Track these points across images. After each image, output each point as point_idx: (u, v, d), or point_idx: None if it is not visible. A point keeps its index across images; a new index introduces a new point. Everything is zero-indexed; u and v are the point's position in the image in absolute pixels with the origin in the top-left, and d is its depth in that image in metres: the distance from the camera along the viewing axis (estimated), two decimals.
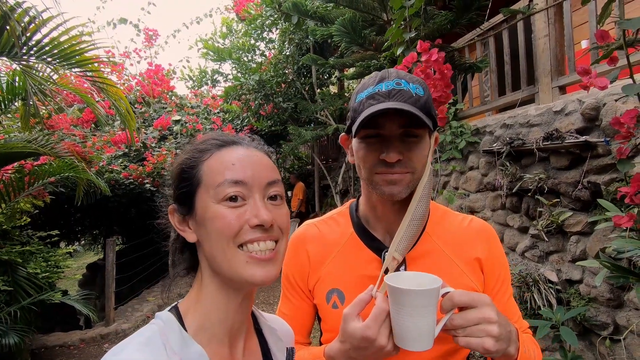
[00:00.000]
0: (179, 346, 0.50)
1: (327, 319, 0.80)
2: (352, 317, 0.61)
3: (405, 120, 0.69)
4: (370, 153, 0.72)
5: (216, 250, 0.52)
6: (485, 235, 0.81)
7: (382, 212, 0.79)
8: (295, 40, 6.74)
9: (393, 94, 0.68)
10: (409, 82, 0.70)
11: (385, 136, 0.70)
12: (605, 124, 2.29)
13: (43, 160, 4.13)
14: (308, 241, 0.85)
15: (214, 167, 0.54)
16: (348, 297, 0.77)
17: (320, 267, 0.82)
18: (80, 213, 6.91)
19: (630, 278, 1.64)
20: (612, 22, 1.17)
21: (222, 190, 0.52)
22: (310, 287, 0.83)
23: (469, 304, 0.58)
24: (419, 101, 0.68)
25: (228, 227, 0.51)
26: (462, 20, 2.49)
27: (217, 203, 0.52)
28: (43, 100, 2.80)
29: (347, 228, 0.84)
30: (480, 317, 0.57)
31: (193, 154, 0.57)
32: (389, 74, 0.72)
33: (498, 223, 3.21)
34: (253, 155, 0.57)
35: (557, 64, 2.95)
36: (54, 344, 4.35)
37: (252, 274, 0.52)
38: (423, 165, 0.72)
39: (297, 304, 0.85)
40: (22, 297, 3.36)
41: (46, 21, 2.30)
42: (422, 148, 0.71)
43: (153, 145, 6.35)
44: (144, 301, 5.83)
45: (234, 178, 0.53)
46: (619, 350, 2.10)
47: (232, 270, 0.52)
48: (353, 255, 0.80)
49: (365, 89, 0.72)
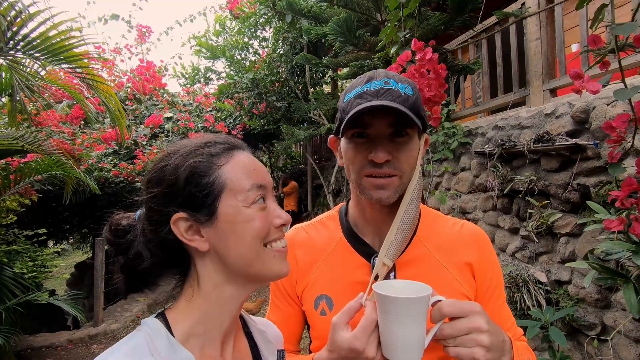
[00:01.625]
0: (166, 353, 0.50)
1: (315, 326, 0.79)
2: (340, 326, 0.59)
3: (394, 119, 0.67)
4: (359, 153, 0.70)
5: (250, 252, 0.55)
6: (476, 239, 0.79)
7: (372, 216, 0.77)
8: (289, 39, 6.72)
9: (381, 93, 0.67)
10: (397, 81, 0.69)
11: (374, 136, 0.69)
12: (595, 127, 2.32)
13: (30, 157, 4.04)
14: (296, 246, 0.83)
15: (237, 171, 0.56)
16: (337, 303, 0.75)
17: (309, 272, 0.80)
18: (68, 211, 6.79)
19: (618, 279, 1.67)
20: (603, 26, 1.18)
21: (252, 195, 0.55)
22: (299, 293, 0.81)
23: (459, 314, 0.56)
24: (407, 100, 0.67)
25: (262, 229, 0.55)
26: (455, 22, 2.50)
27: (247, 207, 0.54)
28: (30, 96, 2.73)
29: (336, 232, 0.82)
30: (470, 327, 0.55)
31: (203, 158, 0.55)
32: (377, 74, 0.71)
33: (489, 224, 3.24)
34: (257, 159, 0.60)
35: (549, 67, 2.99)
36: (41, 345, 4.26)
37: (281, 267, 0.58)
38: (412, 168, 0.71)
39: (285, 310, 0.83)
40: (8, 298, 3.28)
41: (33, 15, 2.24)
42: (411, 149, 0.70)
43: (144, 143, 6.27)
44: (133, 301, 5.75)
45: (258, 182, 0.56)
46: (606, 351, 2.13)
47: (263, 268, 0.56)
48: (342, 261, 0.78)
49: (353, 89, 0.71)
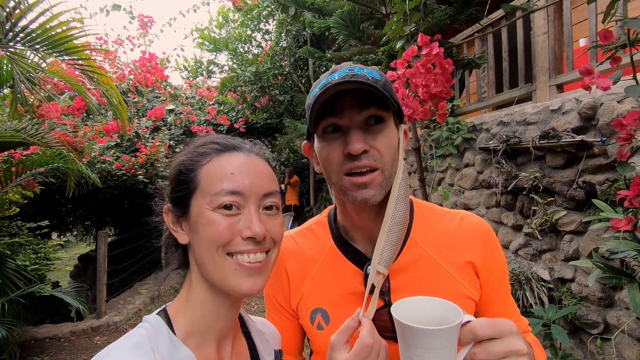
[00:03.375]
0: (167, 350, 0.50)
1: (314, 341, 0.76)
2: (339, 347, 0.56)
3: (365, 99, 0.62)
4: (333, 150, 0.65)
5: (206, 256, 0.53)
6: (478, 234, 0.73)
7: (359, 221, 0.72)
8: (292, 32, 6.67)
9: (347, 79, 0.61)
10: (363, 68, 0.65)
11: (346, 127, 0.64)
12: (602, 123, 2.28)
13: (33, 150, 4.04)
14: (286, 257, 0.78)
15: (212, 173, 0.54)
16: (333, 316, 0.72)
17: (301, 285, 0.76)
18: (71, 204, 6.82)
19: (623, 278, 1.64)
20: (613, 20, 1.15)
21: (217, 199, 0.52)
22: (294, 307, 0.77)
23: (494, 335, 0.49)
24: (377, 82, 0.62)
25: (220, 236, 0.51)
26: (461, 16, 2.45)
27: (212, 210, 0.52)
28: (32, 88, 2.72)
29: (326, 240, 0.77)
30: (508, 351, 0.48)
31: (192, 156, 0.57)
32: (341, 66, 0.67)
33: (492, 221, 3.22)
34: (253, 163, 0.56)
35: (556, 62, 2.94)
36: (44, 336, 4.31)
37: (239, 283, 0.52)
38: (393, 160, 0.65)
39: (282, 323, 0.79)
40: (11, 290, 3.30)
41: (32, 6, 2.21)
42: (389, 137, 0.65)
43: (146, 135, 6.26)
44: (135, 294, 5.80)
45: (231, 188, 0.52)
46: (608, 349, 2.12)
47: (219, 278, 0.53)
48: (334, 270, 0.74)
49: (318, 85, 0.66)
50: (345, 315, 0.68)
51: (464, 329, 0.50)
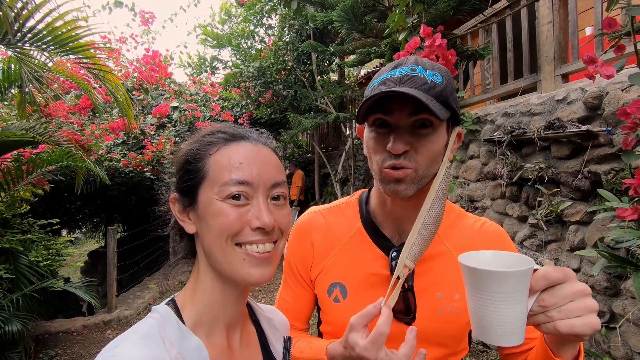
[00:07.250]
0: (177, 339, 0.50)
1: (327, 312, 0.80)
2: (357, 328, 0.58)
3: (413, 108, 0.64)
4: (379, 144, 0.68)
5: (215, 246, 0.53)
6: (497, 238, 0.78)
7: (392, 209, 0.76)
8: (295, 27, 6.63)
9: (404, 80, 0.64)
10: (426, 68, 0.66)
11: (394, 125, 0.66)
12: (607, 113, 2.26)
13: (42, 148, 4.10)
14: (313, 230, 0.83)
15: (221, 163, 0.54)
16: (351, 293, 0.76)
17: (325, 258, 0.80)
18: (80, 201, 6.92)
19: (628, 267, 1.65)
20: (619, 7, 1.14)
21: (226, 189, 0.52)
22: (313, 278, 0.81)
23: (565, 279, 0.50)
24: (433, 89, 0.63)
25: (229, 226, 0.51)
26: (465, 6, 2.43)
27: (220, 200, 0.52)
28: (39, 88, 2.76)
29: (355, 221, 0.81)
30: (575, 291, 0.48)
31: (199, 145, 0.57)
32: (406, 60, 0.68)
33: (497, 212, 3.21)
34: (261, 153, 0.56)
35: (561, 52, 2.91)
36: (58, 330, 4.41)
37: (249, 272, 0.53)
38: (431, 162, 0.67)
39: (298, 292, 0.84)
40: (24, 285, 3.38)
41: (39, 6, 2.24)
42: (434, 141, 0.66)
43: (152, 133, 6.31)
44: (145, 288, 5.89)
45: (240, 178, 0.52)
46: (614, 338, 2.13)
47: (229, 268, 0.53)
48: (359, 251, 0.78)
49: (379, 76, 0.68)
50: (362, 293, 0.74)
51: (536, 274, 0.50)
